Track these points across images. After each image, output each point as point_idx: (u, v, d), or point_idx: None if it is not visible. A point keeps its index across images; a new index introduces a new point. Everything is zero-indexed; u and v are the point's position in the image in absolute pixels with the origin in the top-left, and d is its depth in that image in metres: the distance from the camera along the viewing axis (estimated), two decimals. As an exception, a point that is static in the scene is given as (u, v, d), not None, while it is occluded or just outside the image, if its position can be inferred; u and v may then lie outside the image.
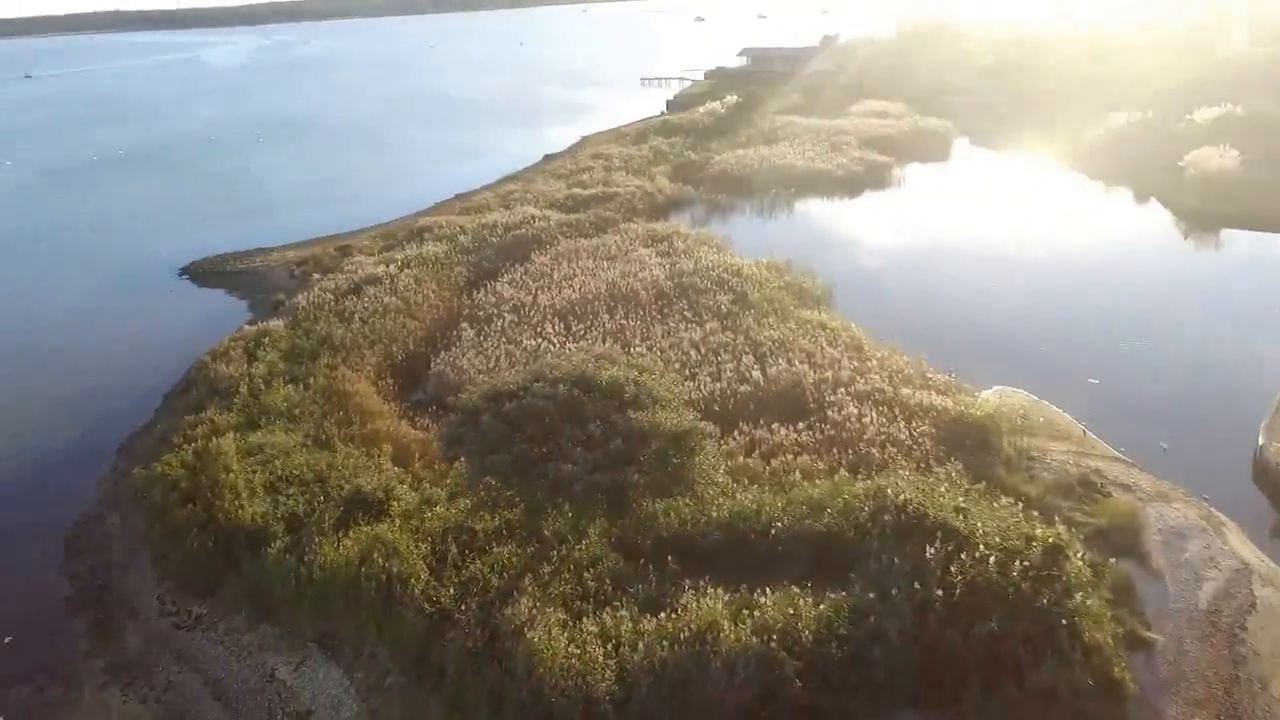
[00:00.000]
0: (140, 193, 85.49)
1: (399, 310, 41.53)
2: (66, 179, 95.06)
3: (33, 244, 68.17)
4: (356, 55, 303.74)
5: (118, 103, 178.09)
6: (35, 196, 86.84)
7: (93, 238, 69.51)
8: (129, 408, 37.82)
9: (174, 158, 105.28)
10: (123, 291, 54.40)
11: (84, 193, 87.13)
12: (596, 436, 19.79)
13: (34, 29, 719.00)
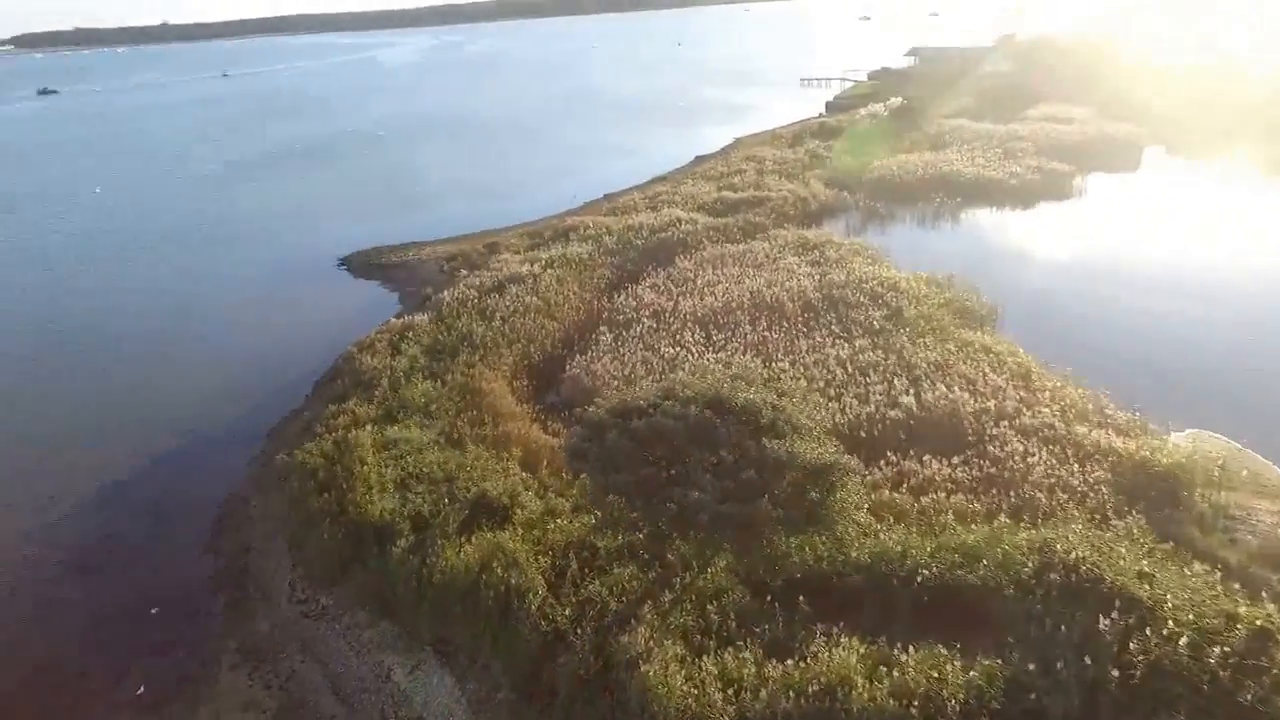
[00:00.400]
0: (310, 185, 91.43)
1: (539, 310, 41.72)
2: (247, 170, 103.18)
3: (211, 230, 74.15)
4: (520, 55, 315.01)
5: (299, 99, 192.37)
6: (218, 186, 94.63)
7: (264, 227, 74.70)
8: (283, 392, 39.88)
9: (343, 152, 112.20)
10: (287, 280, 57.87)
11: (261, 183, 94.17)
12: (728, 464, 18.50)
13: (230, 32, 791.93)
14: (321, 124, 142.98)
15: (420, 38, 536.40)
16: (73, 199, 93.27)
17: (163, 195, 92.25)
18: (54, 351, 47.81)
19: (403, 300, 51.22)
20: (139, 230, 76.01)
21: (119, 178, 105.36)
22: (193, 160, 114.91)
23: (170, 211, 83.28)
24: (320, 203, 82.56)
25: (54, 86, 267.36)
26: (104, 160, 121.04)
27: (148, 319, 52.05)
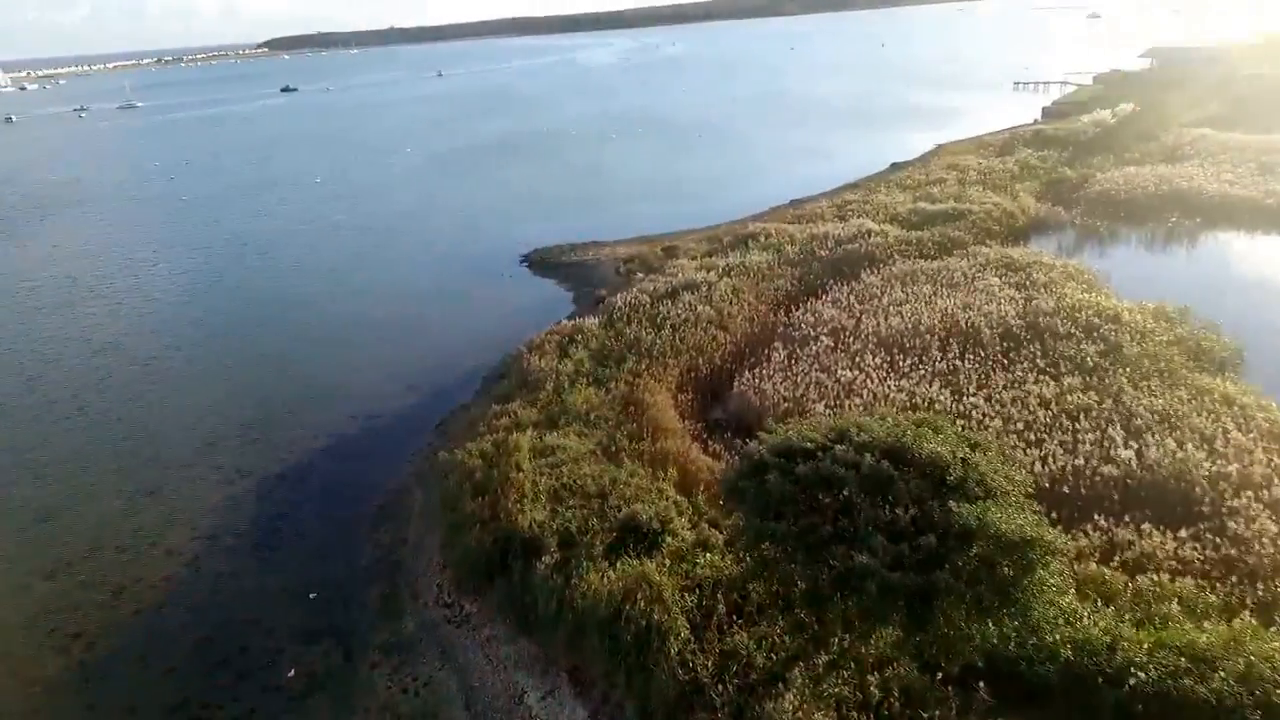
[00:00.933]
0: (505, 179, 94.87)
1: (711, 321, 40.23)
2: (449, 164, 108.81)
3: (410, 220, 78.46)
4: (716, 56, 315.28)
5: (503, 98, 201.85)
6: (421, 179, 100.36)
7: (458, 219, 78.07)
8: (456, 385, 40.80)
9: (538, 149, 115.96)
10: (472, 273, 59.78)
11: (459, 177, 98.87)
12: (904, 525, 16.13)
13: (448, 35, 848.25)
14: (521, 122, 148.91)
15: (622, 40, 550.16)
16: (296, 187, 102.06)
17: (372, 186, 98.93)
18: (251, 331, 51.83)
19: (577, 300, 51.39)
20: (346, 219, 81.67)
21: (336, 168, 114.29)
22: (401, 153, 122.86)
23: (375, 201, 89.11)
24: (512, 197, 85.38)
25: (294, 85, 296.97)
26: (327, 151, 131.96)
27: (340, 304, 55.33)
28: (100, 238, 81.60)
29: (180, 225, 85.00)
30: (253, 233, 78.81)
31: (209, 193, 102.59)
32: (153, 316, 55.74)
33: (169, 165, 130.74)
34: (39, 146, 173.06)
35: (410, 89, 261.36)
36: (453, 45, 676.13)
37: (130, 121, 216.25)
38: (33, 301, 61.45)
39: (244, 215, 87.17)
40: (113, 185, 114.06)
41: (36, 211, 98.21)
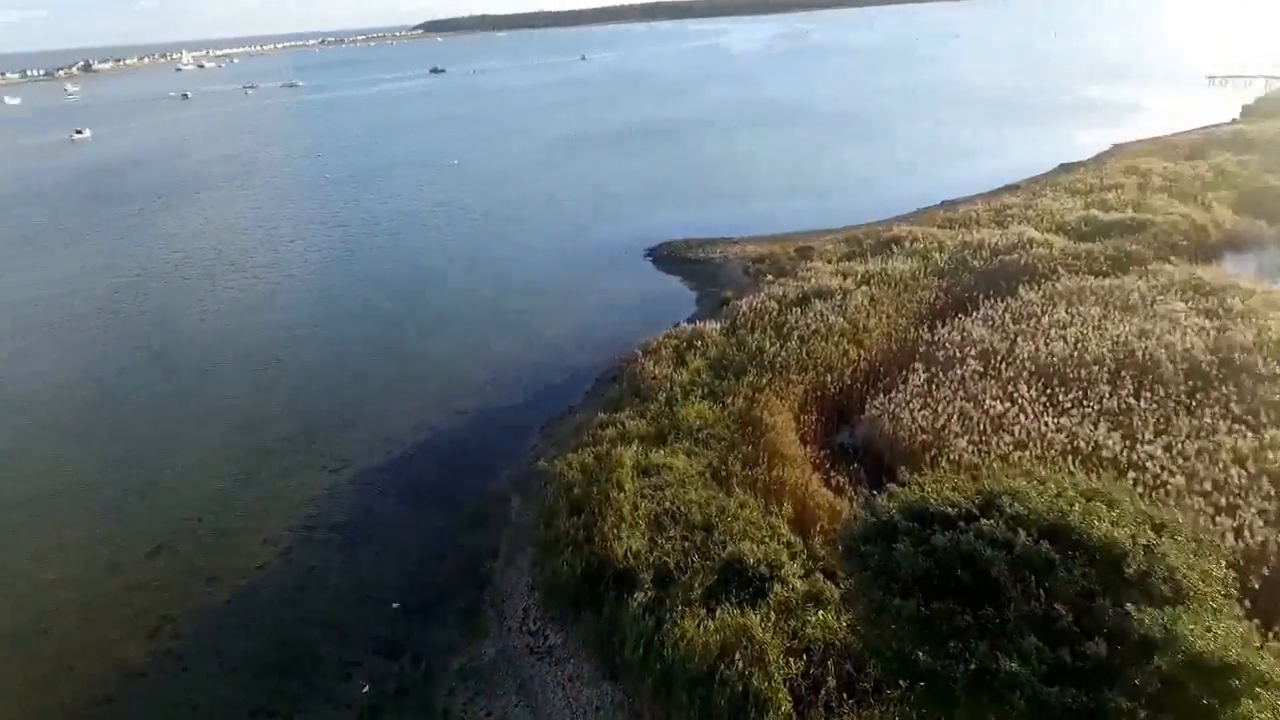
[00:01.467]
0: (637, 166, 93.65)
1: (844, 334, 37.23)
2: (583, 149, 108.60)
3: (540, 206, 78.39)
4: (870, 43, 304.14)
5: (643, 84, 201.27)
6: (556, 163, 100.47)
7: (587, 206, 77.38)
8: (566, 385, 39.63)
9: (674, 136, 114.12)
10: (595, 264, 58.64)
11: (593, 163, 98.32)
12: (1066, 626, 13.29)
13: (595, 18, 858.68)
14: (659, 108, 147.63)
15: (768, 25, 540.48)
16: (434, 168, 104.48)
17: (506, 169, 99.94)
18: (370, 315, 52.36)
19: (700, 301, 49.28)
20: (476, 203, 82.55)
21: (474, 150, 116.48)
22: (540, 137, 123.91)
23: (508, 185, 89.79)
24: (644, 186, 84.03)
25: (443, 66, 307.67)
26: (467, 133, 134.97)
27: (460, 290, 55.43)
28: (247, 212, 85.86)
29: (320, 203, 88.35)
30: (387, 214, 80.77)
31: (351, 172, 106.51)
32: (282, 296, 57.52)
33: (318, 143, 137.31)
34: (206, 123, 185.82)
35: (553, 73, 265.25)
36: (598, 29, 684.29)
37: (289, 100, 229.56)
38: (179, 272, 64.92)
39: (381, 195, 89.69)
40: (265, 161, 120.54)
41: (196, 185, 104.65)
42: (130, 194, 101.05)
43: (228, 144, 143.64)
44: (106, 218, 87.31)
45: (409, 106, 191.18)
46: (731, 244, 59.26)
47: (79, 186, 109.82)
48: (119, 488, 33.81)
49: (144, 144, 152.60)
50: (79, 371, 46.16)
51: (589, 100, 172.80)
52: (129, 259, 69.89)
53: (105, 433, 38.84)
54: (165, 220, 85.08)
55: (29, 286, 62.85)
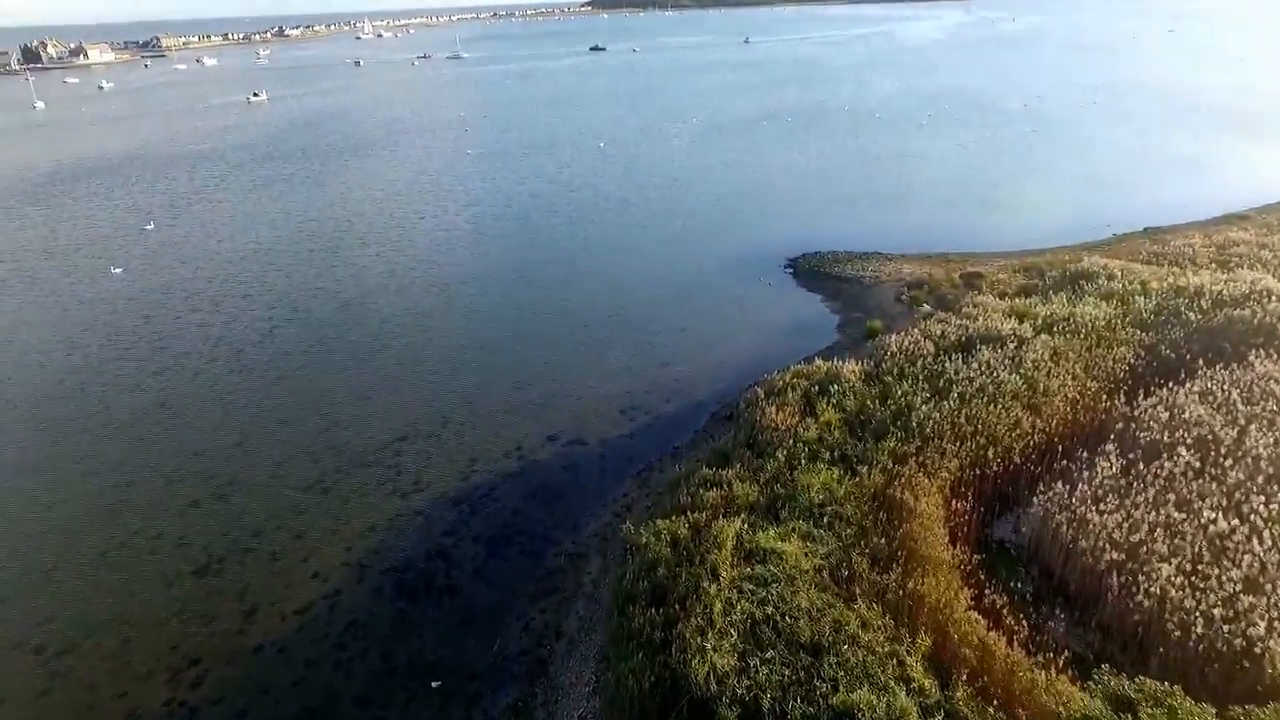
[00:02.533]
0: (788, 162, 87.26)
1: (1016, 395, 30.60)
2: (733, 137, 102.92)
3: (678, 199, 73.55)
4: (1070, 33, 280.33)
5: (807, 70, 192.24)
6: (702, 151, 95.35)
7: (728, 202, 72.07)
8: (675, 418, 35.14)
9: (833, 129, 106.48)
10: (729, 272, 53.50)
11: (739, 154, 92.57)
12: None
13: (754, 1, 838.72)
14: (821, 97, 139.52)
15: (953, 12, 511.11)
16: (579, 150, 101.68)
17: (650, 155, 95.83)
18: (479, 313, 49.24)
19: (842, 328, 43.37)
20: (615, 190, 78.77)
21: (622, 133, 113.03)
22: (688, 122, 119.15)
23: (649, 172, 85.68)
24: (794, 183, 77.88)
25: (603, 44, 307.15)
26: (618, 113, 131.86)
27: (578, 292, 51.46)
28: (385, 184, 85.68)
29: (457, 178, 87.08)
30: (521, 196, 78.34)
31: (496, 149, 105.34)
32: (396, 280, 55.51)
33: (470, 116, 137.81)
34: (371, 90, 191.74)
35: (713, 54, 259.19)
36: (765, 11, 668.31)
37: (451, 72, 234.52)
38: (307, 245, 64.56)
39: (519, 176, 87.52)
40: (415, 132, 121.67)
41: (344, 153, 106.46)
42: (288, 155, 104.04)
43: (386, 113, 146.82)
44: (266, 177, 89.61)
45: (565, 83, 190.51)
46: (885, 261, 52.78)
47: (251, 147, 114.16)
48: (197, 484, 31.96)
49: (313, 108, 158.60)
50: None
51: (747, 86, 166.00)
52: (266, 230, 70.53)
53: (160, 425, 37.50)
54: (306, 191, 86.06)
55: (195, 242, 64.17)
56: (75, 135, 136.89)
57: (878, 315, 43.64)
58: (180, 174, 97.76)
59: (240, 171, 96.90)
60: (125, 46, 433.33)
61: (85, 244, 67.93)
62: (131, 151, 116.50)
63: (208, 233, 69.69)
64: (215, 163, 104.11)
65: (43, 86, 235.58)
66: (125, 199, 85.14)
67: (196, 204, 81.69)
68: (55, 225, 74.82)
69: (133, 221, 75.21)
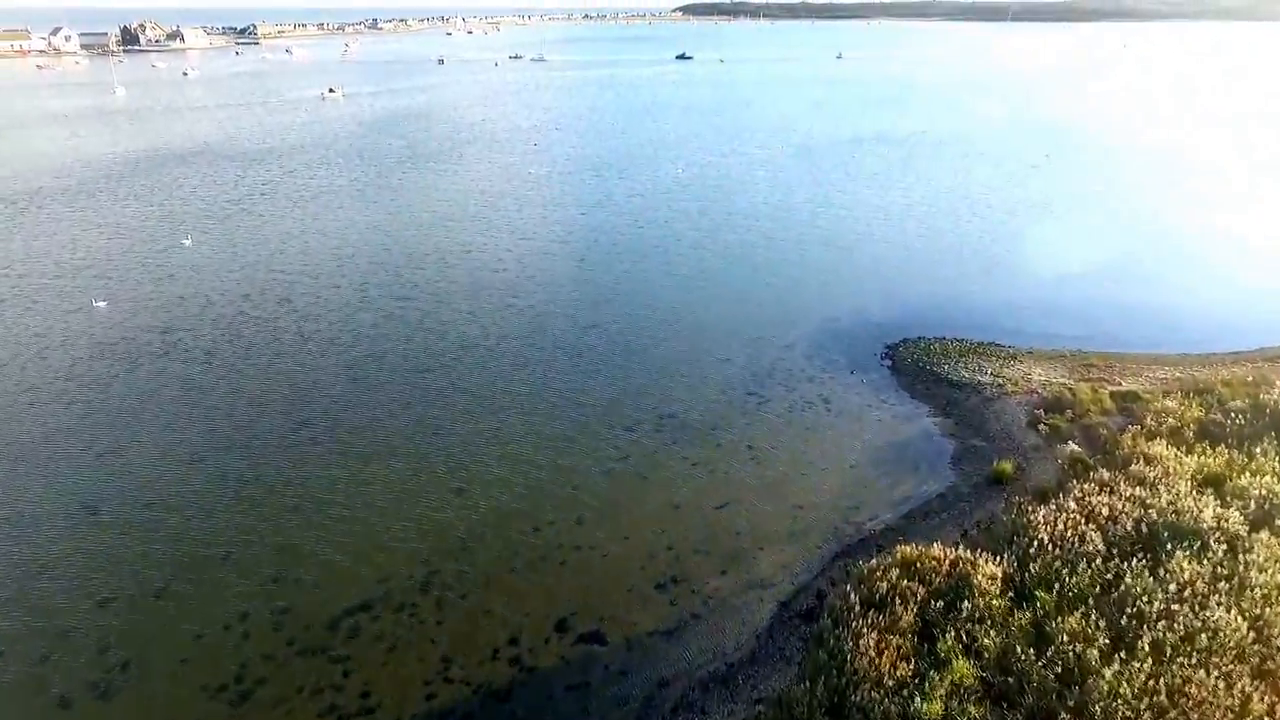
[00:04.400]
0: (880, 208, 76.72)
1: (1239, 650, 20.51)
2: (822, 170, 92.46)
3: (752, 245, 63.82)
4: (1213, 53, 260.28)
5: (903, 91, 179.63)
6: (785, 184, 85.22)
7: (808, 255, 62.05)
8: (726, 602, 25.98)
9: (934, 166, 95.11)
10: (812, 357, 43.79)
11: (828, 190, 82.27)
12: None
13: (860, 12, 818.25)
14: (917, 123, 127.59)
15: (1061, 35, 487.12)
16: (655, 173, 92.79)
17: (733, 184, 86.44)
18: (491, 408, 40.83)
19: (960, 463, 33.45)
20: (687, 228, 69.52)
21: (702, 154, 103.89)
22: (775, 146, 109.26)
23: (727, 207, 76.32)
24: (890, 233, 67.54)
25: (690, 53, 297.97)
26: (699, 130, 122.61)
27: (617, 388, 42.22)
28: (437, 205, 78.25)
29: (517, 205, 79.01)
30: (581, 231, 69.84)
31: (563, 168, 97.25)
32: (405, 336, 47.52)
33: (542, 126, 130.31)
34: (447, 93, 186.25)
35: (804, 68, 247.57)
36: (859, 24, 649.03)
37: (531, 75, 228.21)
38: (330, 278, 57.22)
39: (584, 204, 79.15)
40: (482, 142, 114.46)
41: (403, 163, 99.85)
42: (343, 161, 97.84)
43: (457, 118, 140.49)
44: (313, 188, 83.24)
45: (647, 93, 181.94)
46: (1006, 358, 42.60)
47: (309, 150, 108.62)
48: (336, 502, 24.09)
49: (385, 108, 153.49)
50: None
51: (840, 106, 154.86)
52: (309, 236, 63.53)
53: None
54: (335, 215, 79.27)
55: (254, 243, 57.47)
56: (144, 125, 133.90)
57: (1005, 447, 33.71)
58: (229, 175, 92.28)
59: (290, 179, 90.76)
60: (223, 32, 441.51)
61: (100, 260, 61.87)
62: (192, 148, 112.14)
63: (233, 254, 62.98)
64: (269, 166, 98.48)
65: (130, 70, 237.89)
66: (165, 203, 79.60)
67: (235, 214, 75.54)
68: (79, 233, 69.22)
69: (164, 233, 69.25)
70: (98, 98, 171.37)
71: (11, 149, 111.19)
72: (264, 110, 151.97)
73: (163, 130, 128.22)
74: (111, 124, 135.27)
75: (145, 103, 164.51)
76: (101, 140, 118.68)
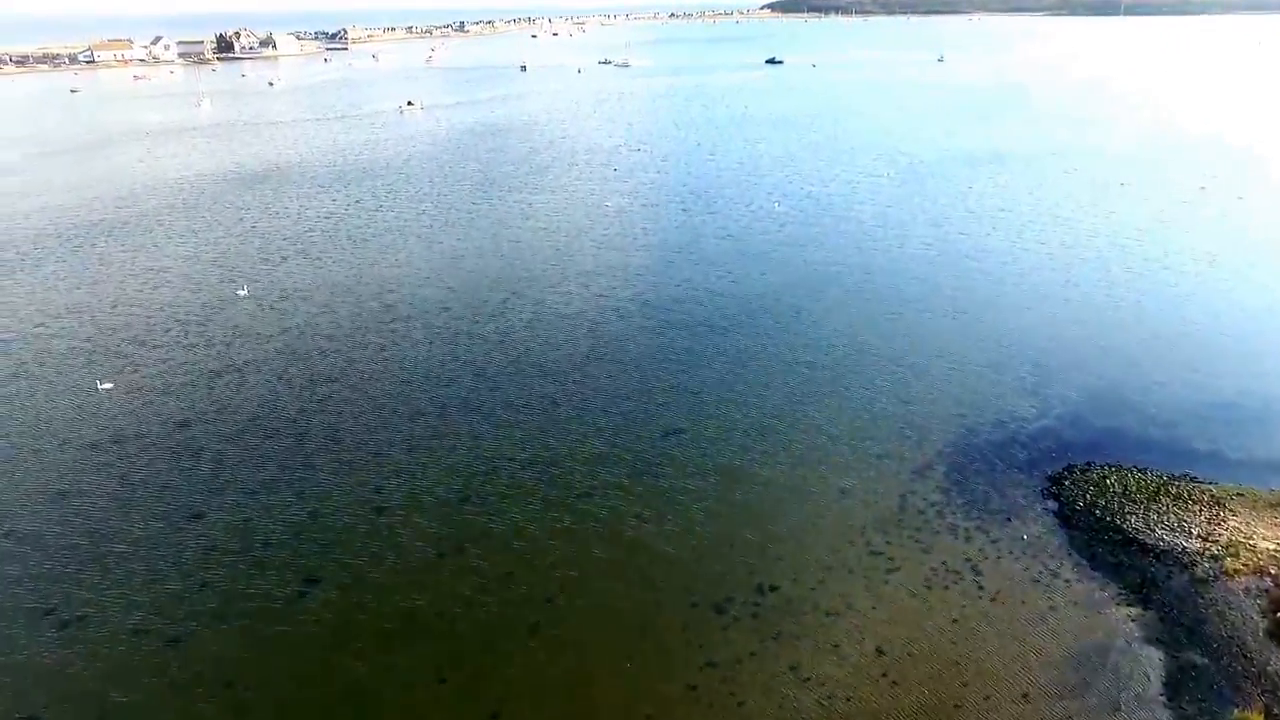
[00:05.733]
0: (1011, 260, 66.39)
1: None
2: (933, 203, 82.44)
3: (851, 299, 54.92)
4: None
5: (1018, 100, 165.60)
6: (897, 217, 75.61)
7: (934, 332, 52.47)
8: None
9: (1068, 201, 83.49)
10: (949, 489, 34.94)
11: (950, 230, 72.43)
12: None
13: (959, 7, 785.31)
14: (1040, 141, 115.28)
15: (1194, 29, 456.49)
16: (749, 209, 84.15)
17: (835, 227, 77.19)
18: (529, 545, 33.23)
19: (1175, 696, 24.22)
20: (785, 294, 61.07)
21: (802, 184, 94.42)
22: (881, 170, 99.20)
23: (834, 259, 67.20)
24: (1026, 298, 57.47)
25: (780, 57, 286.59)
26: (795, 151, 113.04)
27: (681, 546, 34.43)
28: (505, 247, 71.70)
29: (592, 247, 71.84)
30: (663, 288, 61.98)
31: (645, 199, 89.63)
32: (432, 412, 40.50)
33: (624, 145, 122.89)
34: (528, 105, 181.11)
35: (903, 73, 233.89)
36: (959, 21, 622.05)
37: (616, 83, 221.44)
38: (376, 335, 50.84)
39: (667, 250, 71.36)
40: (559, 166, 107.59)
41: (474, 192, 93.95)
42: (411, 189, 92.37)
43: (535, 136, 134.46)
44: (374, 228, 77.84)
45: (736, 105, 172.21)
46: (1218, 505, 32.89)
47: (379, 175, 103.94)
48: None
49: (462, 124, 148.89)
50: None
51: (949, 118, 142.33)
52: (345, 311, 57.56)
53: None
54: (395, 256, 73.38)
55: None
56: (219, 144, 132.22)
57: (1239, 670, 24.49)
58: (293, 207, 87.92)
59: (353, 213, 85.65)
60: (315, 37, 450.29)
61: (137, 319, 57.10)
62: (261, 169, 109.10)
63: (281, 315, 57.41)
64: (335, 194, 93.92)
65: (221, 79, 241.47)
66: (222, 240, 75.31)
67: (291, 256, 70.47)
68: (123, 280, 64.95)
69: (215, 280, 64.47)
70: (182, 111, 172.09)
71: (87, 173, 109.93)
72: (340, 126, 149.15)
73: (237, 150, 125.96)
74: (188, 142, 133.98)
75: (227, 116, 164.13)
76: (175, 162, 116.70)
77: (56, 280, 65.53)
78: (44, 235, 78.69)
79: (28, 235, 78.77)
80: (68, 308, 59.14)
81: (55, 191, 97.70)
